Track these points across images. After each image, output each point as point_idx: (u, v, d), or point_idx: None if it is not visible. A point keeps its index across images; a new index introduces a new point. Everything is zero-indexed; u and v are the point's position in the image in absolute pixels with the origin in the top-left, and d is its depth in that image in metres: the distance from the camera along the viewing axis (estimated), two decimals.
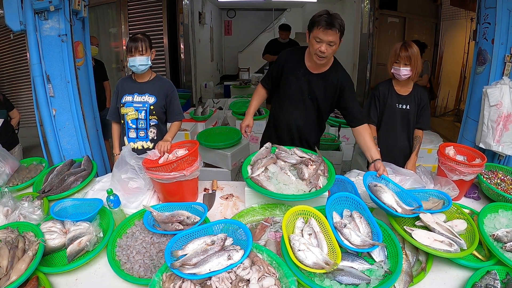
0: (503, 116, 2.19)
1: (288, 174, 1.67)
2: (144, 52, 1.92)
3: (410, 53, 1.91)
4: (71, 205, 1.64)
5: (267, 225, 1.49)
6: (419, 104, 2.08)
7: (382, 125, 2.14)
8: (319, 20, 1.68)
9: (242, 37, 10.00)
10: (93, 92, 2.71)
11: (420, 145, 2.11)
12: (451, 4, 5.33)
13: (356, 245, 1.25)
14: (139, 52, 1.91)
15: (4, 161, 1.98)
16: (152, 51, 1.98)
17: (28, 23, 2.12)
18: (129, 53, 1.93)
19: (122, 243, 1.42)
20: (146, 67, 1.97)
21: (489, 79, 2.33)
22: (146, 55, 1.94)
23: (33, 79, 2.22)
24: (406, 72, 1.95)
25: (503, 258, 1.26)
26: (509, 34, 2.23)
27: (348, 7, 6.64)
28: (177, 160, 1.60)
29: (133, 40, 1.93)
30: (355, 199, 1.45)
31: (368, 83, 6.06)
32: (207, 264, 1.10)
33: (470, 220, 1.46)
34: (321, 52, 1.74)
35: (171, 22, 5.98)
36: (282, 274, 1.13)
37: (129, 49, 1.92)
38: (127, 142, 2.07)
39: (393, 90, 2.08)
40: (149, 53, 1.96)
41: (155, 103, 2.02)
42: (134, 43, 1.91)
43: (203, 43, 7.60)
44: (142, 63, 1.93)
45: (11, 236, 1.34)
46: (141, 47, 1.91)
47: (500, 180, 1.81)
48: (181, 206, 1.57)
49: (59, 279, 1.28)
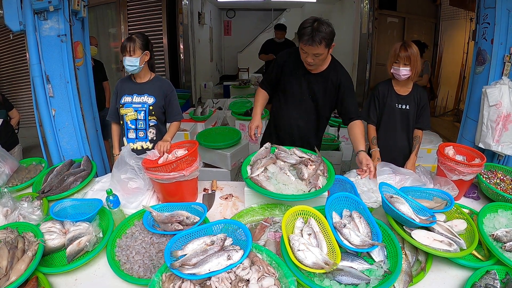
0: (503, 116, 2.19)
1: (287, 174, 1.67)
2: (132, 53, 1.90)
3: (409, 53, 1.91)
4: (70, 205, 1.64)
5: (267, 225, 1.48)
6: (418, 104, 2.08)
7: (381, 125, 2.14)
8: (303, 33, 1.70)
9: (242, 37, 10.01)
10: (92, 92, 2.71)
11: (420, 145, 2.11)
12: (450, 4, 5.34)
13: (356, 245, 1.25)
14: (127, 52, 1.90)
15: (4, 161, 1.98)
16: (145, 52, 1.94)
17: (27, 23, 2.12)
18: (122, 53, 1.94)
19: (122, 243, 1.42)
20: (134, 68, 1.93)
21: (488, 79, 2.34)
22: (135, 56, 1.91)
23: (32, 80, 2.22)
24: (406, 72, 1.95)
25: (503, 258, 1.26)
26: (508, 34, 2.23)
27: (347, 7, 6.64)
28: (177, 160, 1.60)
29: (125, 39, 1.93)
30: (355, 199, 1.45)
31: (368, 83, 6.07)
32: (206, 264, 1.10)
33: (470, 220, 1.46)
34: (307, 63, 1.81)
35: (170, 22, 5.98)
36: (282, 274, 1.13)
37: (121, 49, 1.94)
38: (127, 143, 2.07)
39: (393, 90, 2.08)
40: (140, 54, 1.92)
41: (154, 104, 2.02)
42: (123, 43, 1.92)
43: (202, 43, 7.61)
44: (130, 64, 1.92)
45: (10, 237, 1.34)
46: (129, 47, 1.89)
47: (500, 180, 1.81)
48: (180, 206, 1.57)
49: (58, 280, 1.28)
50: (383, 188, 1.49)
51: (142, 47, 1.93)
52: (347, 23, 6.64)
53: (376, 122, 2.15)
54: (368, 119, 2.15)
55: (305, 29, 1.69)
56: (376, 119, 2.15)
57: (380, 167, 1.89)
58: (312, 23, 1.68)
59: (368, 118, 2.15)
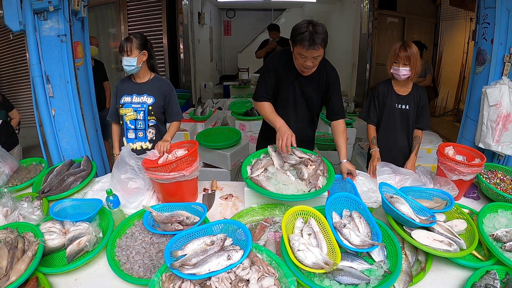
0: (503, 116, 2.19)
1: (287, 174, 1.67)
2: (129, 53, 1.91)
3: (409, 53, 1.91)
4: (70, 205, 1.64)
5: (267, 225, 1.49)
6: (418, 104, 2.08)
7: (381, 125, 2.14)
8: (302, 38, 1.64)
9: (242, 37, 10.00)
10: (92, 92, 2.71)
11: (420, 145, 2.11)
12: (450, 4, 5.33)
13: (356, 245, 1.25)
14: (124, 52, 1.91)
15: (4, 161, 1.98)
16: (142, 52, 1.94)
17: (27, 23, 2.12)
18: (119, 53, 1.94)
19: (122, 243, 1.42)
20: (132, 68, 1.94)
21: (488, 79, 2.33)
22: (132, 56, 1.91)
23: (32, 80, 2.22)
24: (405, 72, 1.95)
25: (503, 258, 1.26)
26: (508, 34, 2.23)
27: (347, 7, 6.64)
28: (177, 160, 1.60)
29: (123, 40, 1.94)
30: (355, 199, 1.45)
31: (368, 83, 6.06)
32: (206, 264, 1.10)
33: (470, 220, 1.46)
34: (306, 67, 1.75)
35: (170, 22, 5.97)
36: (282, 274, 1.13)
37: (119, 49, 1.94)
38: (126, 143, 2.07)
39: (393, 90, 2.09)
40: (137, 54, 1.92)
41: (153, 104, 2.02)
42: (121, 43, 1.92)
43: (202, 43, 7.60)
44: (127, 64, 1.92)
45: (10, 237, 1.34)
46: (126, 47, 1.90)
47: (500, 180, 1.81)
48: (180, 206, 1.57)
49: (58, 280, 1.28)
50: (383, 188, 1.49)
51: (140, 46, 1.93)
52: (347, 23, 6.64)
53: (376, 122, 2.16)
54: (368, 119, 2.15)
55: (303, 34, 1.64)
56: (376, 119, 2.15)
57: (380, 167, 1.89)
58: (307, 27, 1.64)
59: (368, 118, 2.15)
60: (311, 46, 1.64)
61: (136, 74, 2.03)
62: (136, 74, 2.03)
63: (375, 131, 2.14)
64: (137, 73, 2.01)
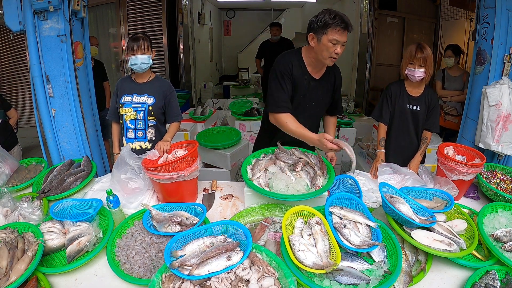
0: (503, 116, 2.19)
1: (287, 174, 1.67)
2: (146, 51, 1.95)
3: (425, 54, 1.92)
4: (70, 205, 1.64)
5: (267, 225, 1.49)
6: (429, 106, 2.08)
7: (392, 125, 2.14)
8: (335, 23, 1.60)
9: (242, 37, 9.99)
10: (92, 92, 2.71)
11: (427, 147, 2.11)
12: (450, 4, 5.33)
13: (356, 245, 1.25)
14: (141, 50, 1.93)
15: (4, 161, 1.98)
16: (152, 50, 2.01)
17: (27, 23, 2.12)
18: (131, 52, 1.94)
19: (122, 243, 1.42)
20: (148, 65, 1.99)
21: (488, 79, 2.33)
22: (148, 54, 1.97)
23: (32, 80, 2.22)
24: (421, 73, 1.96)
25: (503, 258, 1.26)
26: (508, 34, 2.23)
27: (347, 7, 6.64)
28: (177, 160, 1.60)
29: (134, 39, 1.95)
30: (355, 199, 1.45)
31: (368, 83, 6.06)
32: (206, 265, 1.10)
33: (470, 220, 1.46)
34: (337, 54, 1.67)
35: (170, 23, 5.97)
36: (282, 274, 1.13)
37: (130, 48, 1.93)
38: (125, 143, 2.07)
39: (405, 91, 2.09)
40: (150, 52, 1.99)
41: (153, 104, 2.02)
42: (136, 42, 1.93)
43: (202, 43, 7.60)
44: (144, 61, 1.95)
45: (10, 237, 1.34)
46: (143, 45, 1.94)
47: (500, 180, 1.81)
48: (180, 206, 1.57)
49: (58, 280, 1.28)
50: (383, 188, 1.49)
51: (151, 45, 2.00)
52: None
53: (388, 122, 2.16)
54: (380, 118, 2.15)
55: (334, 19, 1.59)
56: (389, 118, 2.15)
57: (381, 168, 1.89)
58: (333, 12, 1.61)
59: (380, 117, 2.15)
60: (346, 28, 1.62)
61: (138, 74, 2.03)
62: (138, 74, 2.03)
63: (386, 131, 2.15)
64: (139, 73, 2.02)
